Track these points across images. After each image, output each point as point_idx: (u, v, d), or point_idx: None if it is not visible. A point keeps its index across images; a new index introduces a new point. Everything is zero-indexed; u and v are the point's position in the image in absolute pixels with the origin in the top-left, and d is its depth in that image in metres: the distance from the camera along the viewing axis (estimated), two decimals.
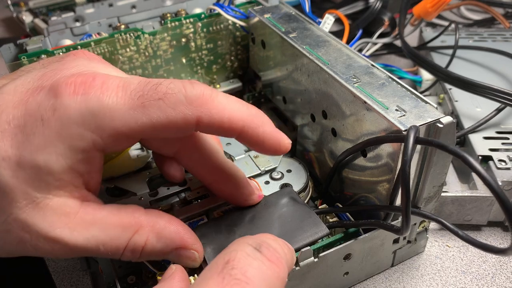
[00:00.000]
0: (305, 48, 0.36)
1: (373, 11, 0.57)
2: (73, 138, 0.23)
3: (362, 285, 0.35)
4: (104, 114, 0.23)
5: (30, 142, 0.23)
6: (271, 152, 0.27)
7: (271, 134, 0.27)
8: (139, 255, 0.26)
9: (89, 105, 0.23)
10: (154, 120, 0.23)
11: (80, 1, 0.59)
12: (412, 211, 0.28)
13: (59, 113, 0.23)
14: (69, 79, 0.24)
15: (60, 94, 0.23)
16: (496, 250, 0.24)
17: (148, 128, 0.24)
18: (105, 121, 0.23)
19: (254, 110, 0.26)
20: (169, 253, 0.27)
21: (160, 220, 0.26)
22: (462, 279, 0.35)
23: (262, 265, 0.22)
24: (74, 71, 0.25)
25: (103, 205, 0.26)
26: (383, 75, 0.32)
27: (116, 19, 0.45)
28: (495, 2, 0.57)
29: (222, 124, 0.25)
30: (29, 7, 0.61)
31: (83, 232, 0.24)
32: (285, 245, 0.25)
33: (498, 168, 0.37)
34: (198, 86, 0.25)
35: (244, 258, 0.22)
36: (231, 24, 0.45)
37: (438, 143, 0.25)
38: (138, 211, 0.26)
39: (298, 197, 0.32)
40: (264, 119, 0.27)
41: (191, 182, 0.35)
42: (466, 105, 0.44)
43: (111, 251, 0.25)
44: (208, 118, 0.24)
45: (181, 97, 0.24)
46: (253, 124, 0.26)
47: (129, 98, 0.23)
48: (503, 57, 0.50)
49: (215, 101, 0.25)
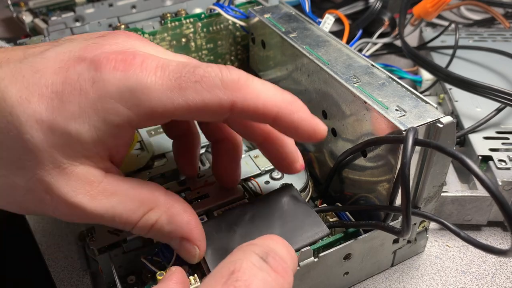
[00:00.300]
0: (305, 48, 0.36)
1: (373, 11, 0.57)
2: (109, 112, 0.24)
3: (362, 285, 0.35)
4: (142, 92, 0.23)
5: (65, 109, 0.23)
6: (306, 138, 0.27)
7: (306, 120, 0.26)
8: (147, 231, 0.26)
9: (127, 82, 0.23)
10: (190, 102, 0.24)
11: (80, 1, 0.59)
12: (413, 212, 0.28)
13: (97, 86, 0.23)
14: (110, 55, 0.24)
15: (101, 68, 0.24)
16: (496, 251, 0.24)
17: (183, 109, 0.24)
18: (142, 99, 0.24)
19: (289, 96, 0.26)
20: (173, 239, 0.27)
21: (177, 205, 0.27)
22: (462, 279, 0.35)
23: (267, 277, 0.22)
24: (115, 48, 0.25)
25: (125, 178, 0.26)
26: (383, 75, 0.32)
27: (116, 19, 0.45)
28: (495, 2, 0.57)
29: (257, 109, 0.25)
30: (29, 7, 0.61)
31: (103, 202, 0.25)
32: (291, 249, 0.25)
33: (498, 168, 0.37)
34: (235, 71, 0.25)
35: (249, 269, 0.22)
36: (231, 24, 0.45)
37: (435, 145, 0.25)
38: (159, 190, 0.27)
39: (299, 195, 0.32)
40: (299, 105, 0.26)
41: (191, 182, 0.35)
42: (466, 105, 0.44)
43: (124, 223, 0.25)
44: (242, 103, 0.24)
45: (217, 81, 0.24)
46: (287, 110, 0.26)
47: (167, 78, 0.24)
48: (503, 57, 0.50)
49: (250, 86, 0.25)
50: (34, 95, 0.23)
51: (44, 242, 0.39)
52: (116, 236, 0.31)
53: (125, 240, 0.31)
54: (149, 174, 0.37)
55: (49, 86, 0.24)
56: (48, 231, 0.39)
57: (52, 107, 0.23)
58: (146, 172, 0.37)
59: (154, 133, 0.41)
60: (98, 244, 0.31)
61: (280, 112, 0.25)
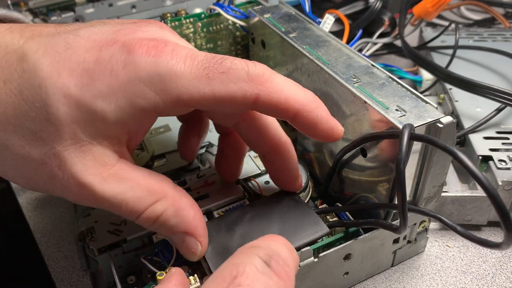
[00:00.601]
0: (305, 48, 0.36)
1: (373, 11, 0.57)
2: (136, 95, 0.24)
3: (362, 285, 0.35)
4: (171, 78, 0.24)
5: (94, 87, 0.24)
6: (323, 137, 0.28)
7: (325, 119, 0.27)
8: (152, 223, 0.26)
9: (158, 67, 0.24)
10: (216, 92, 0.24)
11: (80, 1, 0.58)
12: (409, 208, 0.28)
13: (128, 68, 0.24)
14: (143, 40, 0.25)
15: (133, 51, 0.24)
16: (491, 244, 0.25)
17: (209, 99, 0.24)
18: (170, 86, 0.24)
19: (310, 95, 0.27)
20: (176, 233, 0.27)
21: (184, 199, 0.27)
22: (462, 279, 0.35)
23: (269, 281, 0.21)
24: (147, 35, 0.26)
25: (137, 166, 0.26)
26: (383, 75, 0.32)
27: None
28: (495, 2, 0.57)
29: (279, 104, 0.26)
30: (29, 7, 0.60)
31: (113, 186, 0.25)
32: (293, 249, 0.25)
33: (498, 168, 0.37)
34: (260, 66, 0.26)
35: (252, 274, 0.21)
36: (231, 24, 0.45)
37: (428, 139, 0.26)
38: (168, 182, 0.27)
39: (299, 197, 0.32)
40: (319, 104, 0.27)
41: (191, 182, 0.35)
42: (466, 105, 0.44)
43: (131, 210, 0.25)
44: (265, 97, 0.25)
45: (243, 73, 0.25)
46: (308, 107, 0.26)
47: (196, 68, 0.24)
48: (503, 57, 0.50)
49: (274, 81, 0.26)
50: (65, 70, 0.24)
51: (44, 242, 0.39)
52: (116, 236, 0.31)
53: (125, 240, 0.31)
54: None
55: (80, 63, 0.24)
56: (48, 231, 0.39)
57: (81, 84, 0.24)
58: None
59: (154, 133, 0.41)
60: (98, 244, 0.31)
61: (301, 109, 0.26)
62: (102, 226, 0.32)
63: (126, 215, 0.26)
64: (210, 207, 0.33)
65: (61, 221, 0.40)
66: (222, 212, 0.33)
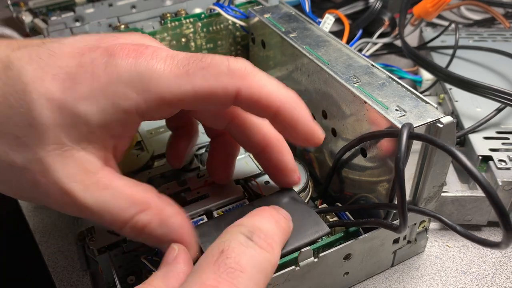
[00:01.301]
0: (305, 48, 0.36)
1: (373, 11, 0.57)
2: (118, 96, 0.24)
3: (362, 285, 0.35)
4: (151, 77, 0.24)
5: (76, 90, 0.24)
6: (302, 140, 0.28)
7: (306, 120, 0.27)
8: (137, 234, 0.26)
9: (138, 68, 0.24)
10: (197, 87, 0.25)
11: (80, 1, 0.58)
12: (409, 208, 0.28)
13: (109, 70, 0.24)
14: (124, 45, 0.25)
15: (114, 54, 0.25)
16: (490, 244, 0.25)
17: (190, 96, 0.25)
18: (151, 84, 0.24)
19: (292, 94, 0.27)
20: (164, 242, 0.26)
21: (169, 208, 0.26)
22: (462, 279, 0.35)
23: (254, 253, 0.24)
24: (129, 42, 0.27)
25: (121, 176, 0.26)
26: (383, 75, 0.32)
27: (116, 19, 0.45)
28: (495, 2, 0.57)
29: (260, 100, 0.26)
30: (29, 7, 0.60)
31: (95, 194, 0.25)
32: (280, 219, 0.26)
33: (498, 168, 0.37)
34: (241, 61, 0.26)
35: (237, 248, 0.23)
36: (231, 24, 0.45)
37: (426, 137, 0.26)
38: (152, 192, 0.27)
39: (299, 197, 0.32)
40: (301, 104, 0.27)
41: (191, 182, 0.35)
42: (466, 105, 0.44)
43: (114, 220, 0.25)
44: (247, 92, 0.25)
45: (224, 68, 0.25)
46: (289, 105, 0.26)
47: (176, 66, 0.25)
48: (503, 57, 0.50)
49: (256, 76, 0.26)
50: (48, 75, 0.24)
51: (44, 242, 0.39)
52: (116, 236, 0.31)
53: (125, 240, 0.31)
54: (149, 174, 0.37)
55: (63, 68, 0.24)
56: (48, 231, 0.39)
57: (63, 87, 0.24)
58: (146, 172, 0.37)
59: (154, 133, 0.41)
60: (98, 244, 0.31)
61: (282, 107, 0.26)
62: (102, 226, 0.32)
63: (109, 225, 0.25)
64: (210, 207, 0.33)
65: (61, 221, 0.40)
66: (222, 212, 0.33)
